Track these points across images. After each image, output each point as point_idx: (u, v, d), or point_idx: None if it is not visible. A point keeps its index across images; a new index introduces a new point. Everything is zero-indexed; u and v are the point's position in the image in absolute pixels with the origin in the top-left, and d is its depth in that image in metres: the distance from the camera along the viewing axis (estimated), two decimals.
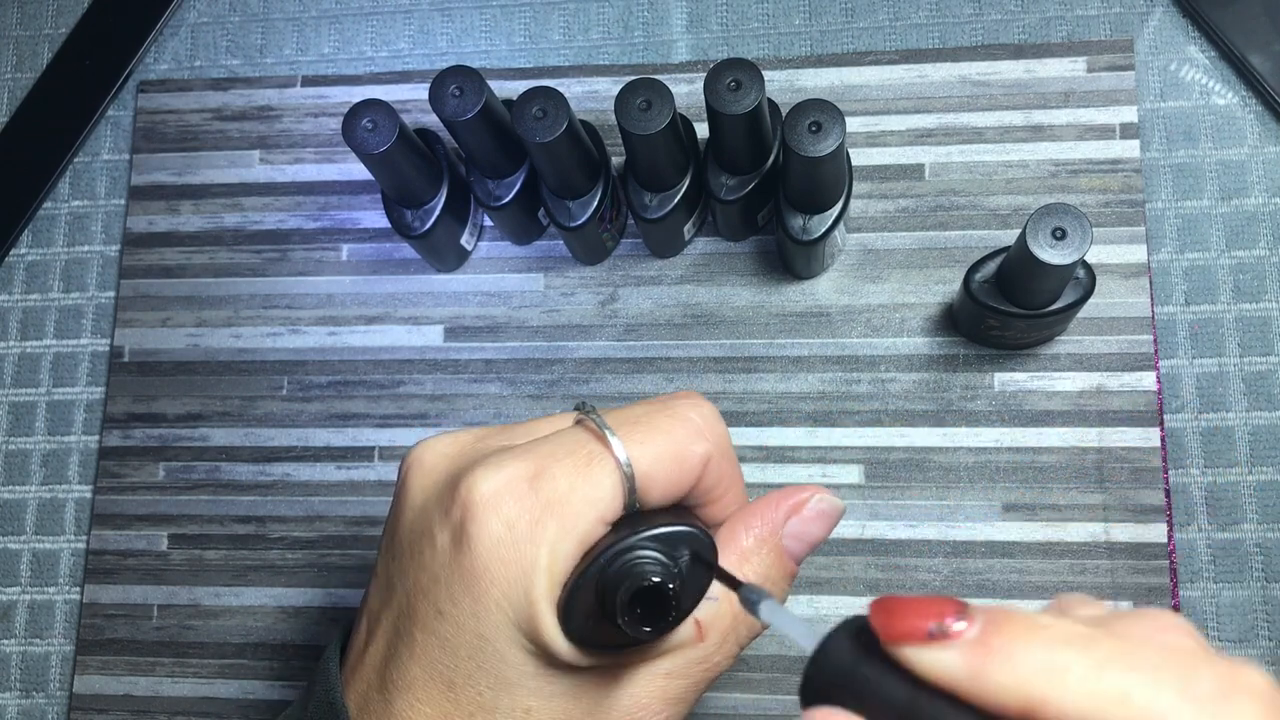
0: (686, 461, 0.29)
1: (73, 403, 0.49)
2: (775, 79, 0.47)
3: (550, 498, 0.27)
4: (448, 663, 0.28)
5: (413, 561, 0.29)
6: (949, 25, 0.48)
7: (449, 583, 0.28)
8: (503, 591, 0.27)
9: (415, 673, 0.28)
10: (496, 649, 0.27)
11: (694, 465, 0.29)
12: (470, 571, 0.27)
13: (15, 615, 0.47)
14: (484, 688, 0.28)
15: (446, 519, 0.28)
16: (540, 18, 0.50)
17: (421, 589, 0.28)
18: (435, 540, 0.28)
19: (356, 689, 0.30)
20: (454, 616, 0.28)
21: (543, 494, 0.28)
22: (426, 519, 0.29)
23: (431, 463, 0.30)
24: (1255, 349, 0.44)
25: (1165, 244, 0.45)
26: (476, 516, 0.27)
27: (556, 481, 0.28)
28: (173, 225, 0.50)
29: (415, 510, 0.30)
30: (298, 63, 0.51)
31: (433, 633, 0.28)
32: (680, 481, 0.29)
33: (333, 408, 0.47)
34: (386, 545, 0.31)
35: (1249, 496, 0.43)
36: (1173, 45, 0.47)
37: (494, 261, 0.48)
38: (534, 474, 0.28)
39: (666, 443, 0.29)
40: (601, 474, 0.28)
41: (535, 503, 0.27)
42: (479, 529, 0.27)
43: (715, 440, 0.30)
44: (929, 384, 0.44)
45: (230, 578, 0.46)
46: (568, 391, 0.46)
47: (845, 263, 0.46)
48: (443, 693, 0.28)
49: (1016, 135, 0.46)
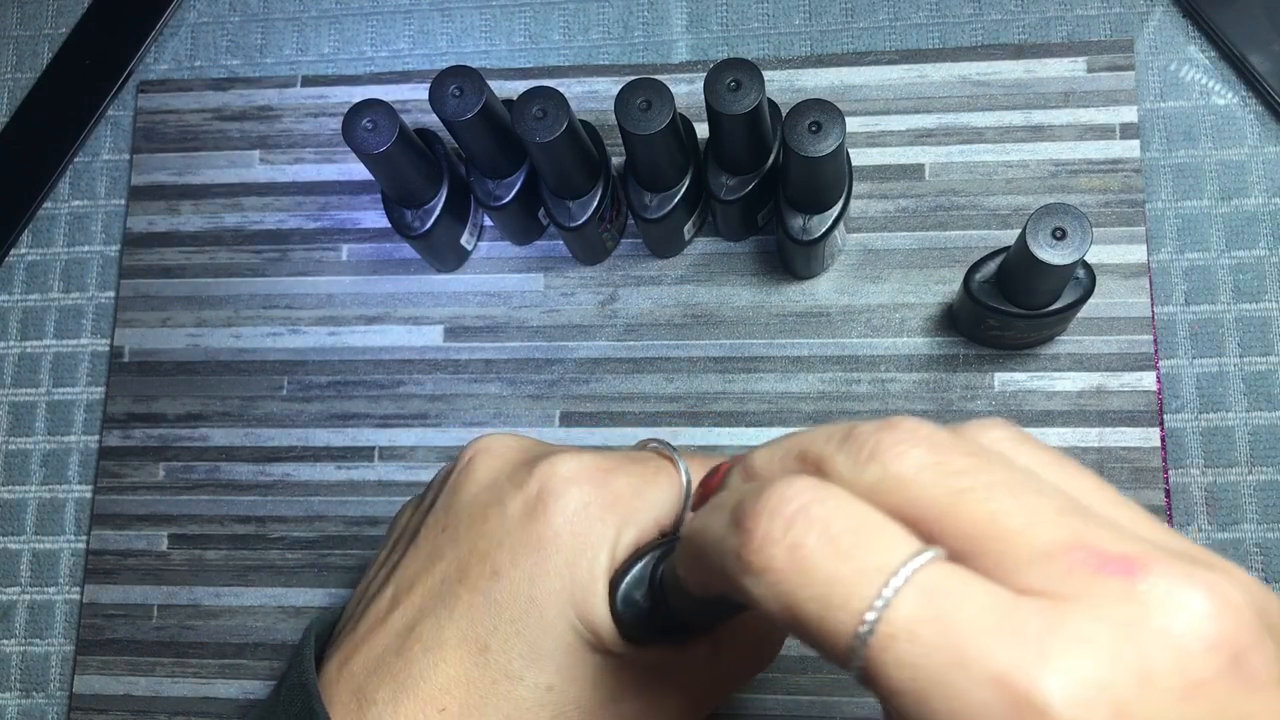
0: None
1: (73, 403, 0.49)
2: (775, 79, 0.47)
3: (621, 492, 0.30)
4: (488, 624, 0.28)
5: (472, 529, 0.30)
6: (949, 25, 0.48)
7: (513, 546, 0.29)
8: (567, 559, 0.29)
9: (450, 633, 0.29)
10: (544, 616, 0.28)
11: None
12: (540, 537, 0.29)
13: (15, 615, 0.47)
14: (515, 655, 0.28)
15: (520, 491, 0.30)
16: (540, 18, 0.50)
17: (479, 553, 0.29)
18: (506, 509, 0.30)
19: (363, 658, 0.30)
20: (510, 577, 0.29)
21: (614, 486, 0.30)
22: (496, 491, 0.31)
23: (501, 450, 0.32)
24: (1255, 349, 0.44)
25: (1165, 244, 0.45)
26: (556, 489, 0.29)
27: (629, 478, 0.30)
28: (173, 225, 0.50)
29: (481, 485, 0.31)
30: (298, 63, 0.51)
31: (482, 592, 0.29)
32: None
33: (333, 408, 0.47)
34: (435, 518, 0.32)
35: (1249, 496, 0.43)
36: (1173, 45, 0.47)
37: (494, 261, 0.48)
38: (609, 469, 0.30)
39: None
40: (666, 483, 0.31)
41: (608, 492, 0.30)
42: (557, 500, 0.29)
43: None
44: (929, 384, 0.44)
45: (230, 578, 0.46)
46: (568, 391, 0.46)
47: (845, 263, 0.46)
48: (473, 655, 0.28)
49: (1016, 135, 0.46)
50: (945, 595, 0.18)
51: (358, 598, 0.33)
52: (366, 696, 0.28)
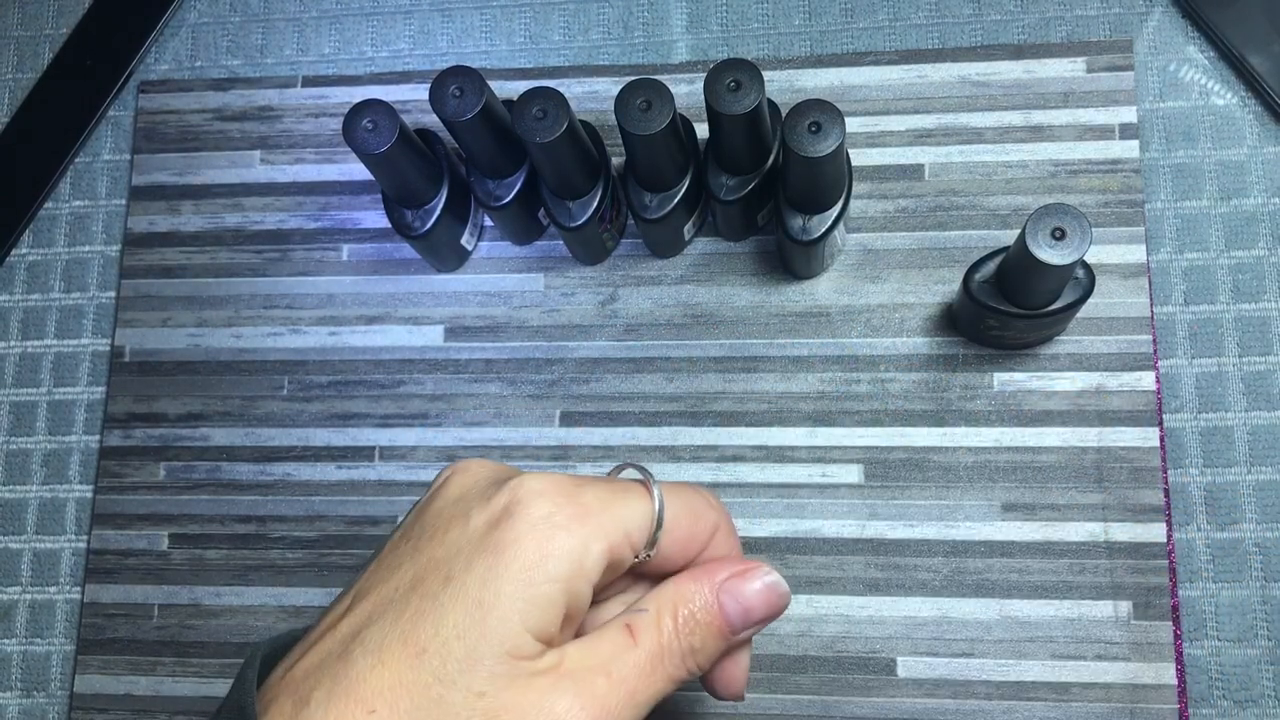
0: (701, 520, 0.32)
1: (74, 402, 0.49)
2: (775, 79, 0.47)
3: (589, 505, 0.30)
4: (431, 628, 0.28)
5: (433, 540, 0.30)
6: (948, 25, 0.48)
7: (470, 554, 0.29)
8: (524, 564, 0.28)
9: (393, 637, 0.28)
10: (487, 620, 0.28)
11: (707, 525, 0.33)
12: (499, 543, 0.29)
13: (16, 615, 0.47)
14: (452, 659, 0.28)
15: (487, 505, 0.30)
16: (540, 18, 0.50)
17: (436, 561, 0.29)
18: (469, 521, 0.30)
19: (306, 663, 0.29)
20: (462, 580, 0.29)
21: (582, 499, 0.30)
22: (464, 505, 0.31)
23: (476, 469, 0.32)
24: (1254, 349, 0.44)
25: (1164, 244, 0.45)
26: (523, 498, 0.30)
27: (598, 492, 0.30)
28: (173, 225, 0.50)
29: (450, 500, 0.31)
30: (298, 63, 0.51)
31: (431, 598, 0.29)
32: (695, 536, 0.32)
33: (333, 408, 0.47)
34: (403, 532, 0.32)
35: (1248, 496, 0.43)
36: (1172, 45, 0.47)
37: (494, 261, 0.48)
38: (578, 484, 0.31)
39: (688, 499, 0.33)
40: (637, 501, 0.31)
41: (576, 504, 0.30)
42: (523, 508, 0.29)
43: (723, 514, 0.33)
44: (929, 384, 0.44)
45: (231, 577, 0.46)
46: (568, 391, 0.46)
47: (845, 263, 0.46)
48: (410, 658, 0.28)
49: (1016, 135, 0.46)
50: None
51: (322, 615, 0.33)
52: (302, 698, 0.28)
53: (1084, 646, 0.42)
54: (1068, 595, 0.42)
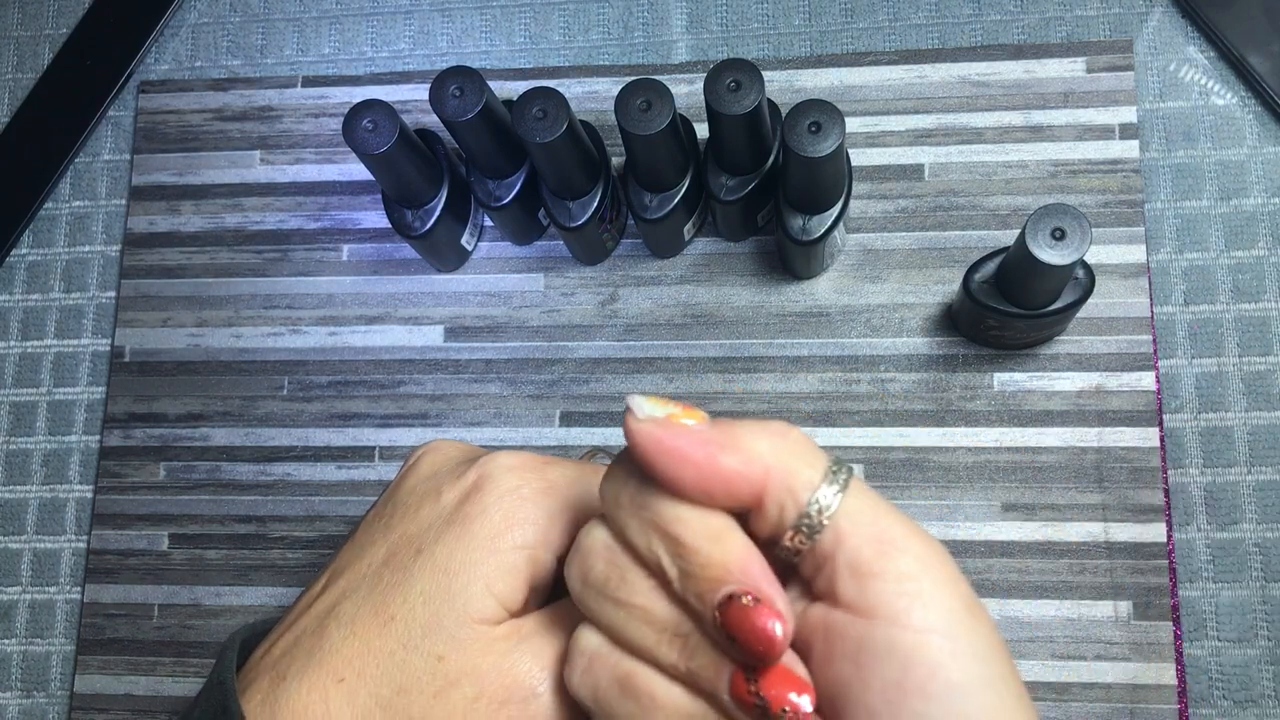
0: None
1: (74, 403, 0.49)
2: (775, 79, 0.47)
3: (556, 481, 0.31)
4: (399, 597, 0.29)
5: (406, 517, 0.31)
6: (948, 26, 0.48)
7: (440, 528, 0.30)
8: (490, 533, 0.29)
9: (365, 609, 0.29)
10: (451, 587, 0.29)
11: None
12: (467, 515, 0.30)
13: (16, 615, 0.47)
14: (416, 625, 0.29)
15: (457, 482, 0.31)
16: (540, 18, 0.50)
17: (408, 536, 0.30)
18: (440, 498, 0.31)
19: (284, 642, 0.30)
20: (432, 551, 0.29)
21: (550, 475, 0.31)
22: (435, 482, 0.31)
23: (447, 449, 0.33)
24: (1254, 349, 0.44)
25: (1164, 244, 0.45)
26: (492, 474, 0.30)
27: (566, 470, 0.31)
28: (173, 225, 0.50)
29: (423, 478, 0.32)
30: (298, 63, 0.51)
31: (401, 569, 0.29)
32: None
33: (333, 408, 0.47)
34: (377, 511, 0.32)
35: (1248, 496, 0.43)
36: (1172, 46, 0.47)
37: (494, 261, 0.48)
38: (546, 462, 0.31)
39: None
40: (599, 478, 0.31)
41: (544, 479, 0.31)
42: (492, 482, 0.30)
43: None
44: (929, 384, 0.44)
45: (231, 577, 0.46)
46: (568, 391, 0.46)
47: (845, 263, 0.46)
48: (379, 626, 0.29)
49: (1016, 135, 0.46)
50: None
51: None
52: (280, 673, 0.29)
53: (1084, 646, 0.42)
54: (1068, 595, 0.42)
